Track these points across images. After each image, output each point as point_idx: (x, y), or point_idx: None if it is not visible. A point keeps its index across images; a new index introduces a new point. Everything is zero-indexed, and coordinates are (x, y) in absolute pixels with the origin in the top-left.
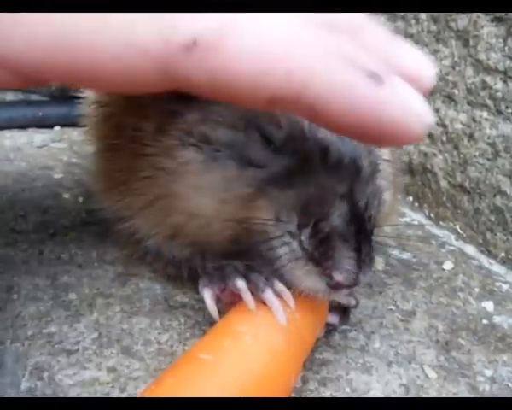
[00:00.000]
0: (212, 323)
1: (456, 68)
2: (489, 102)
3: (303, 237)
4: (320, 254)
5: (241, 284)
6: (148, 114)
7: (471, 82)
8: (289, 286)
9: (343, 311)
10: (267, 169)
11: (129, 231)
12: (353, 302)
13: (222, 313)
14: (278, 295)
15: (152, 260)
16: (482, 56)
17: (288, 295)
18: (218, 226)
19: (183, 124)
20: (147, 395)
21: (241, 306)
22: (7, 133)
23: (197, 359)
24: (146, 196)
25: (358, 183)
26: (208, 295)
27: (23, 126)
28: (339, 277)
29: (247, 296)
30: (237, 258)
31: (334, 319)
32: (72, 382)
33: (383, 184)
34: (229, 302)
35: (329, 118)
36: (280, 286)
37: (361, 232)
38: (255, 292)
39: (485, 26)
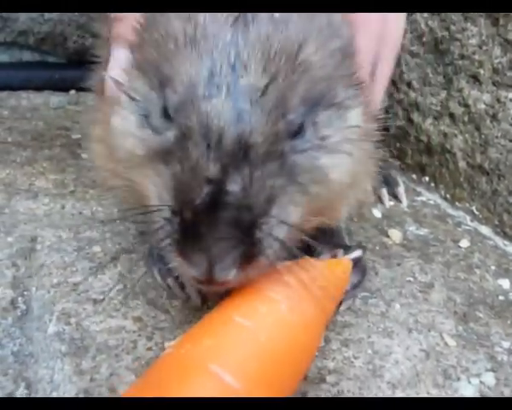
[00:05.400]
0: None
1: (484, 48)
2: None
3: (175, 226)
4: (182, 246)
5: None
6: None
7: (498, 62)
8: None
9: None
10: (160, 137)
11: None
12: (359, 253)
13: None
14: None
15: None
16: (511, 36)
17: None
18: (120, 182)
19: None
20: (182, 352)
21: (270, 273)
22: (23, 93)
23: (235, 322)
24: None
25: (240, 164)
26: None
27: (39, 88)
28: (192, 271)
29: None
30: None
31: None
32: (98, 329)
33: (308, 160)
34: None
35: None
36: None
37: (221, 223)
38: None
39: None
